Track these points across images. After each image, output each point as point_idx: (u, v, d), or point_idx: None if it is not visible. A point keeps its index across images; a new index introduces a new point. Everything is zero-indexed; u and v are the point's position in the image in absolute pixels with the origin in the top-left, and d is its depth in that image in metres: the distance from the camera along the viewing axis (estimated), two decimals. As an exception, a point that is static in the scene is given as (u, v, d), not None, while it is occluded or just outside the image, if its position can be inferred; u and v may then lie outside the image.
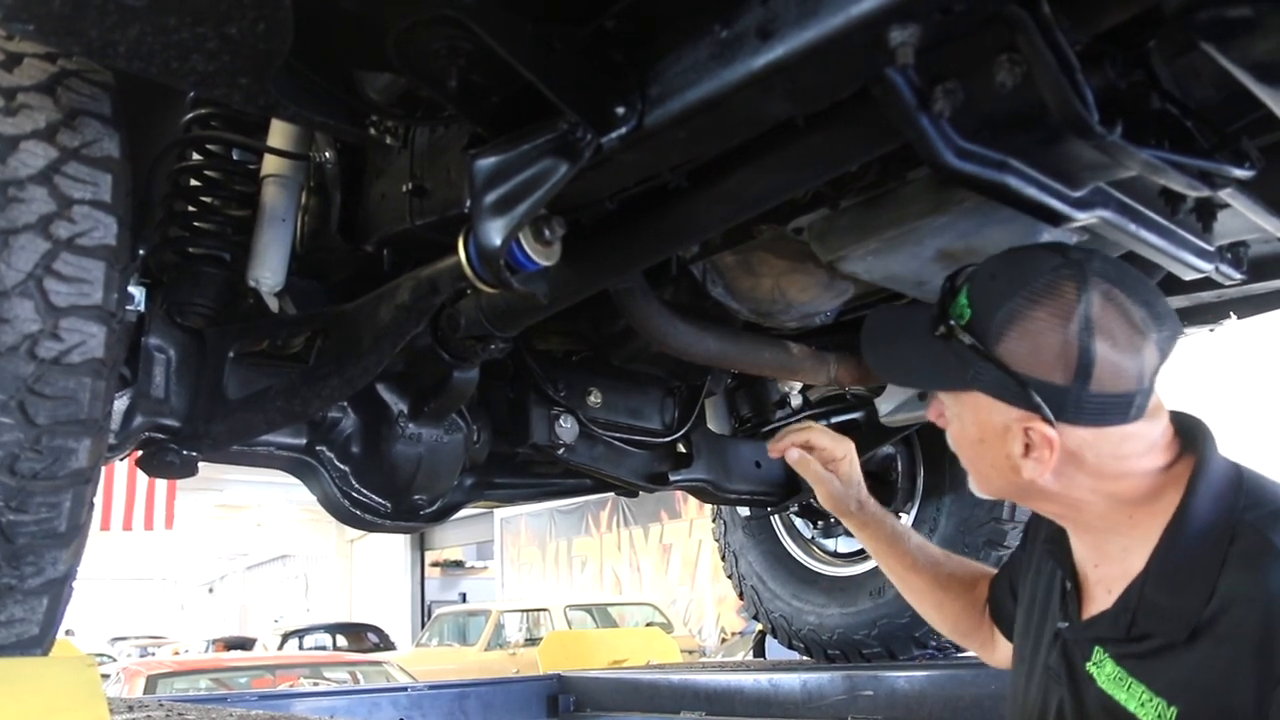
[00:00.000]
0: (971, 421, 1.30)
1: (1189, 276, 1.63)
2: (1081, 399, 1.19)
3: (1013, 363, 1.20)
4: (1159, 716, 1.19)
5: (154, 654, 21.67)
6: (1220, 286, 1.84)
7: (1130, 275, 1.23)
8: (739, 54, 1.19)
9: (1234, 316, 2.38)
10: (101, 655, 19.50)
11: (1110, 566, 1.31)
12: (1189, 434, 1.31)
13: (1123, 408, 1.20)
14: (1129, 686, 1.24)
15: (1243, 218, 1.57)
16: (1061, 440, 1.21)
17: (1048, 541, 1.45)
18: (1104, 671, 1.28)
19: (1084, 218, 1.34)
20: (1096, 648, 1.31)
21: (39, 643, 1.57)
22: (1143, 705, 1.21)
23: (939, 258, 1.73)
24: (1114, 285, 1.19)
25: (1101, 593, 1.33)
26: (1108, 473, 1.24)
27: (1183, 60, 1.26)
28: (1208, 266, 1.61)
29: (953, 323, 1.26)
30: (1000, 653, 1.71)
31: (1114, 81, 1.20)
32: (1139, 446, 1.25)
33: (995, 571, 1.74)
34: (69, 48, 1.48)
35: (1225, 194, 1.44)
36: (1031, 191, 1.25)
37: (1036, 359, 1.19)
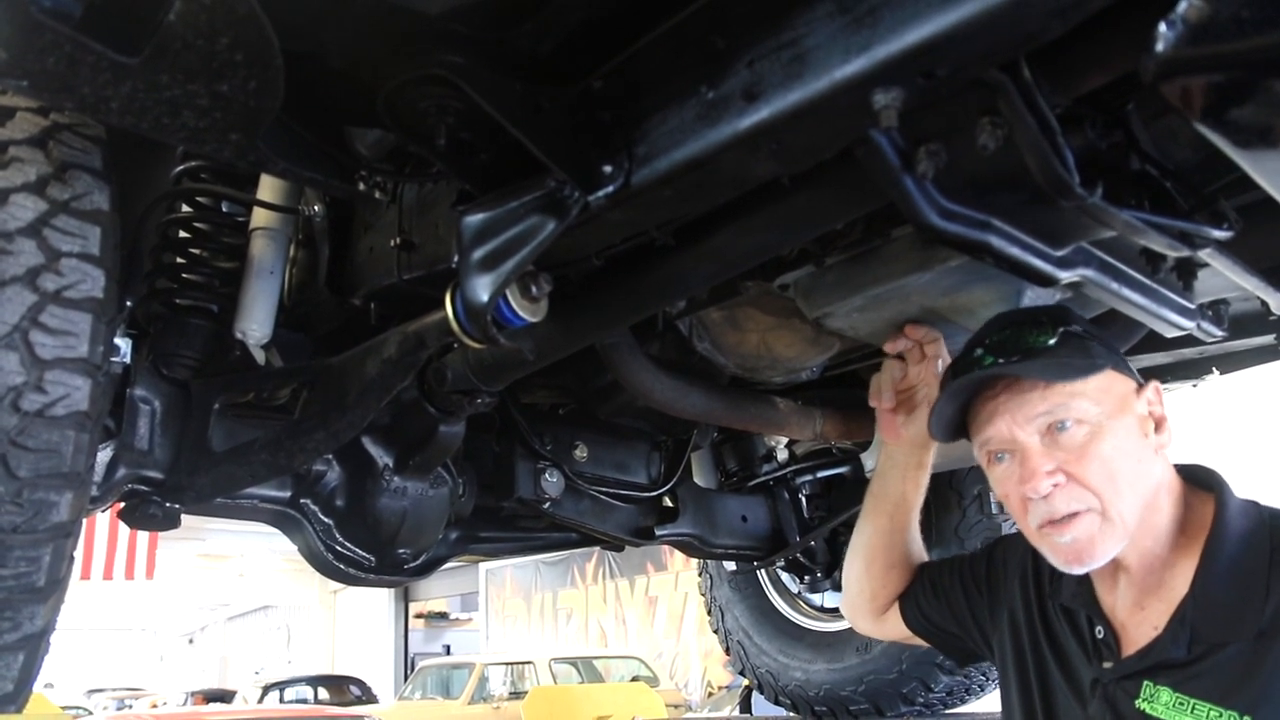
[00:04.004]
0: (1108, 405, 1.40)
1: (1171, 334, 1.64)
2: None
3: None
4: None
5: (131, 706, 21.37)
6: (1202, 343, 1.85)
7: None
8: (725, 115, 1.20)
9: (1216, 372, 2.40)
10: (77, 708, 19.21)
11: (1155, 601, 1.40)
12: (1201, 478, 1.46)
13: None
14: (1193, 709, 1.30)
15: (1223, 276, 1.58)
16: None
17: (1073, 596, 1.53)
18: (1160, 702, 1.34)
19: (1066, 276, 1.35)
20: (1145, 682, 1.36)
21: (13, 700, 1.55)
22: None
23: (923, 314, 1.74)
24: None
25: (1147, 630, 1.40)
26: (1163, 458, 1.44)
27: (1161, 122, 1.28)
28: (1189, 324, 1.62)
29: (1074, 326, 1.44)
30: (882, 629, 1.89)
31: (1094, 143, 1.22)
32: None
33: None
34: (62, 103, 1.49)
35: (1205, 254, 1.46)
36: (1014, 251, 1.27)
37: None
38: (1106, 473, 1.36)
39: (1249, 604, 1.30)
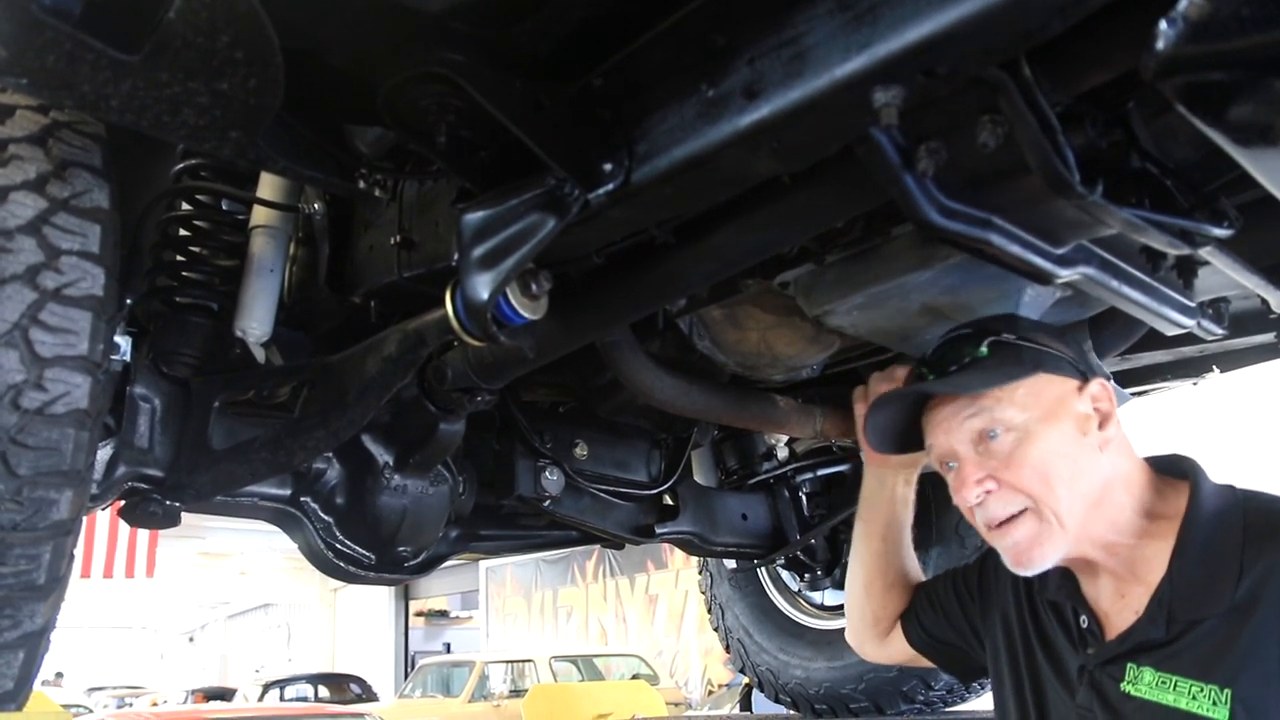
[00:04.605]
0: (1037, 411, 1.43)
1: (1171, 332, 1.64)
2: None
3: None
4: (1213, 703, 1.27)
5: (131, 705, 21.36)
6: (1202, 342, 1.85)
7: None
8: (725, 113, 1.20)
9: (1216, 370, 2.40)
10: (78, 706, 19.21)
11: (1134, 587, 1.42)
12: (1176, 466, 1.49)
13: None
14: (1175, 686, 1.32)
15: (1223, 274, 1.58)
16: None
17: (1058, 589, 1.55)
18: (1143, 682, 1.36)
19: (1067, 274, 1.35)
20: (1129, 665, 1.38)
21: (13, 698, 1.55)
22: (1194, 699, 1.29)
23: (923, 312, 1.74)
24: None
25: (1128, 615, 1.42)
26: (1127, 449, 1.46)
27: (1161, 120, 1.28)
28: (1189, 322, 1.62)
29: (1007, 335, 1.47)
30: (887, 652, 1.89)
31: (1094, 141, 1.22)
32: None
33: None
34: (62, 101, 1.49)
35: (1205, 252, 1.46)
36: (1015, 249, 1.27)
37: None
38: (1038, 475, 1.40)
39: (1222, 580, 1.32)
